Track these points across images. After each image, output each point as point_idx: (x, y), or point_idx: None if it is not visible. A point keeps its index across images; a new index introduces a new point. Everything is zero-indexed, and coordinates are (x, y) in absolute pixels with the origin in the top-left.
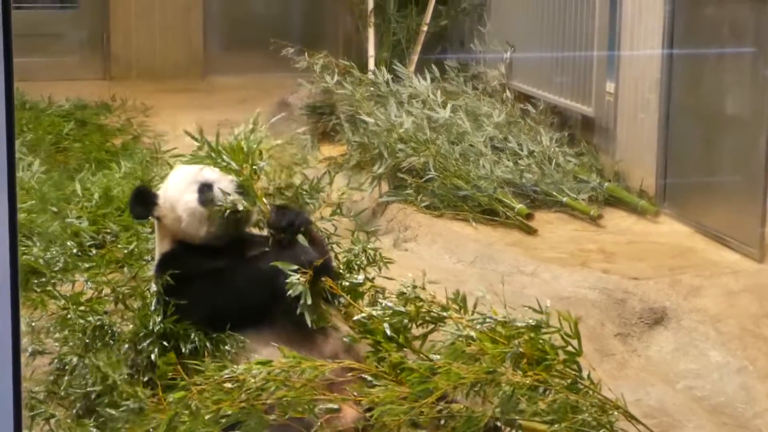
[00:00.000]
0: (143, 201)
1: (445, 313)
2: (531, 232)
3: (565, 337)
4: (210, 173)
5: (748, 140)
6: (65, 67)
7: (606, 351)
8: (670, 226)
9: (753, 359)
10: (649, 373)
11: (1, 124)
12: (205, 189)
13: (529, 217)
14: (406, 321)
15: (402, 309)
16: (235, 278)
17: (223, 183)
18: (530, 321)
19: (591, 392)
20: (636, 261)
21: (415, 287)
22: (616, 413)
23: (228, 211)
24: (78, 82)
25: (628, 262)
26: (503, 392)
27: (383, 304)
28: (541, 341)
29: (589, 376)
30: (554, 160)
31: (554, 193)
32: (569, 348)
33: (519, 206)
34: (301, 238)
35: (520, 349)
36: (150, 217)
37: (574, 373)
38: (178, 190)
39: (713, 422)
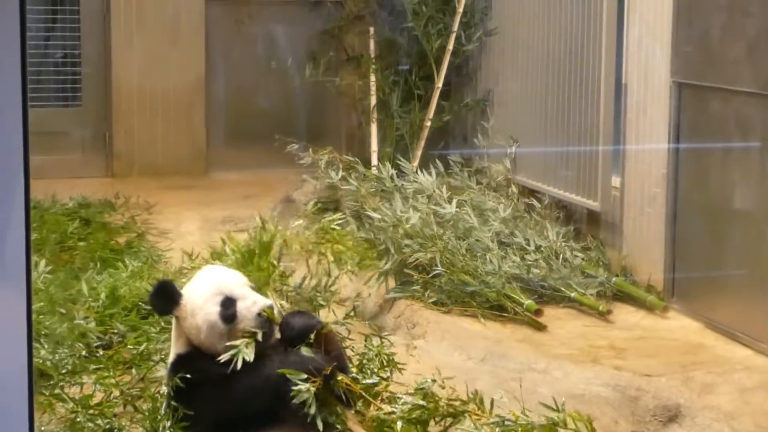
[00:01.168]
0: (166, 296)
1: (465, 407)
2: (540, 328)
3: None
4: (236, 286)
5: (757, 235)
6: (68, 165)
7: None
8: (679, 322)
9: None
10: None
11: (20, 226)
12: (228, 304)
13: (538, 312)
14: (425, 416)
15: (422, 403)
16: (238, 387)
17: (248, 301)
18: (546, 422)
19: None
20: (647, 357)
21: (434, 381)
22: None
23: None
24: (81, 179)
25: (640, 358)
26: None
27: (402, 400)
28: None
29: None
30: (561, 255)
31: (562, 289)
32: None
33: (528, 302)
34: (305, 350)
35: None
36: (170, 314)
37: None
38: (202, 298)
39: None
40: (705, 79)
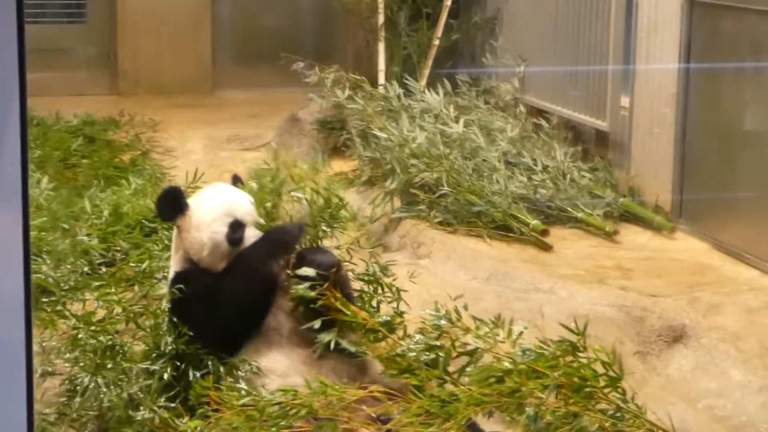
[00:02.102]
0: (172, 202)
1: (481, 343)
2: (546, 248)
3: (603, 363)
4: (246, 213)
5: (767, 155)
6: (72, 82)
7: (625, 369)
8: (686, 243)
9: None
10: (670, 392)
11: (16, 142)
12: (236, 227)
13: (544, 233)
14: (441, 356)
15: (436, 344)
16: (230, 288)
17: (254, 231)
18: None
19: (637, 418)
20: (653, 278)
21: (449, 318)
22: None
23: None
24: (85, 97)
25: (646, 279)
26: (527, 415)
27: (416, 339)
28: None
29: (633, 399)
30: (568, 176)
31: (569, 209)
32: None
33: (534, 222)
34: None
35: (560, 380)
36: (173, 222)
37: (619, 397)
38: (210, 214)
39: None
40: None
